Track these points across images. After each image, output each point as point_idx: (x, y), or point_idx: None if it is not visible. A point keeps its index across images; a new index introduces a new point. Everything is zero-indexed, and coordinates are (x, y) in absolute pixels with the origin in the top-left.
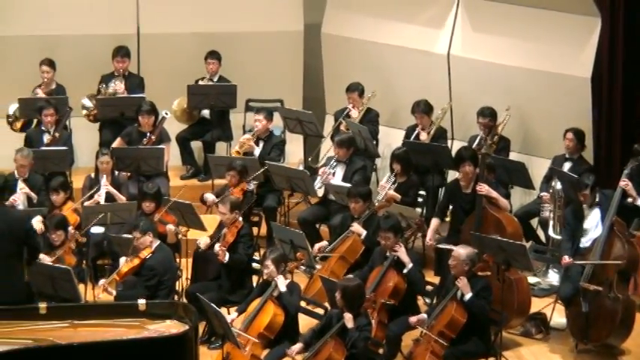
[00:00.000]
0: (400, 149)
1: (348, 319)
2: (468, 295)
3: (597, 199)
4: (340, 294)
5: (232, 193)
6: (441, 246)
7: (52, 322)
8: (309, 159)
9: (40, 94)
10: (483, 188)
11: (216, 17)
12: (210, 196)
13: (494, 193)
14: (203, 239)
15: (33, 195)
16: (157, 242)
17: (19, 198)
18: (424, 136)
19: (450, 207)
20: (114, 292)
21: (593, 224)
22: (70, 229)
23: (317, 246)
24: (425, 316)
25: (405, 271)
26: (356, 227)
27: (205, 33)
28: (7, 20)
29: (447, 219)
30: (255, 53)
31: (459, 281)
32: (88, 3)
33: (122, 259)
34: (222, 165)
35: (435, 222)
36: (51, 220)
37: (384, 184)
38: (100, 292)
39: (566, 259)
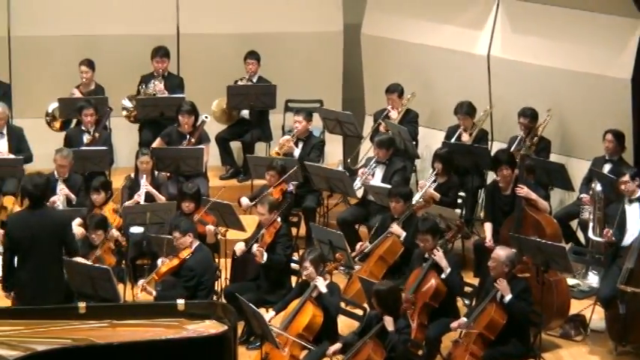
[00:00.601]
0: (443, 149)
1: (388, 322)
2: (508, 297)
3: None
4: (375, 298)
5: (271, 193)
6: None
7: (91, 321)
8: (349, 160)
9: (77, 94)
10: (523, 190)
11: (256, 17)
12: (245, 201)
13: (533, 195)
14: (239, 245)
15: (72, 196)
16: (197, 243)
17: (59, 199)
18: (466, 138)
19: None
20: (153, 292)
21: (635, 219)
22: (113, 230)
23: (359, 245)
24: (465, 319)
25: (443, 276)
26: (395, 228)
27: (245, 33)
28: (47, 20)
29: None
30: (294, 54)
31: (498, 283)
32: (128, 3)
33: (160, 260)
34: (262, 165)
35: (488, 226)
36: (91, 220)
37: (424, 183)
38: (139, 292)
39: None
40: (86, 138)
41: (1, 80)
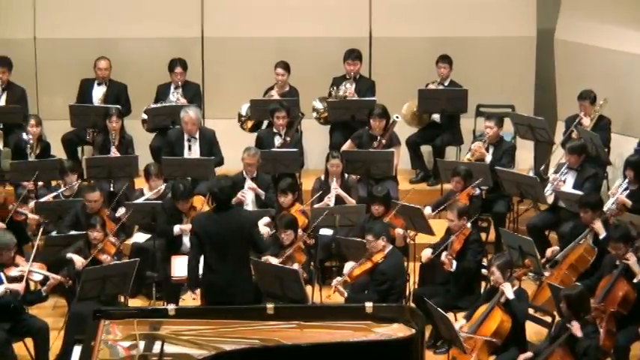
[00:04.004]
0: (634, 156)
1: (577, 329)
2: None
3: None
4: (565, 302)
5: (459, 199)
6: None
7: (279, 322)
8: (542, 168)
9: (275, 95)
10: None
11: (449, 21)
12: (427, 210)
13: None
14: (426, 252)
15: (260, 192)
16: (390, 247)
17: (247, 195)
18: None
19: None
20: (345, 294)
21: None
22: (299, 231)
23: (549, 250)
24: None
25: (635, 280)
26: (598, 225)
27: (437, 37)
28: (242, 21)
29: None
30: (487, 58)
31: None
32: (322, 6)
33: (349, 264)
34: (451, 170)
35: None
36: (281, 220)
37: (616, 190)
38: (331, 292)
39: None
40: (277, 140)
41: (192, 81)
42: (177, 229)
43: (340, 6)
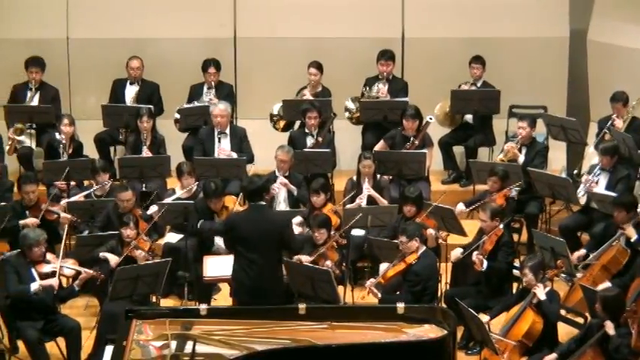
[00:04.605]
0: None
1: (610, 327)
2: None
3: None
4: (601, 304)
5: (494, 199)
6: None
7: (311, 322)
8: (575, 170)
9: (307, 95)
10: None
11: (482, 22)
12: (460, 206)
13: None
14: (455, 252)
15: (292, 187)
16: (423, 248)
17: (279, 189)
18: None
19: None
20: (379, 295)
21: None
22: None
23: (576, 254)
24: None
25: None
26: (629, 230)
27: (470, 38)
28: (275, 22)
29: None
30: (519, 59)
31: None
32: (355, 6)
33: (384, 265)
34: (484, 170)
35: None
36: (315, 219)
37: None
38: (365, 294)
39: None
40: (310, 141)
41: (225, 81)
42: None
43: (373, 6)
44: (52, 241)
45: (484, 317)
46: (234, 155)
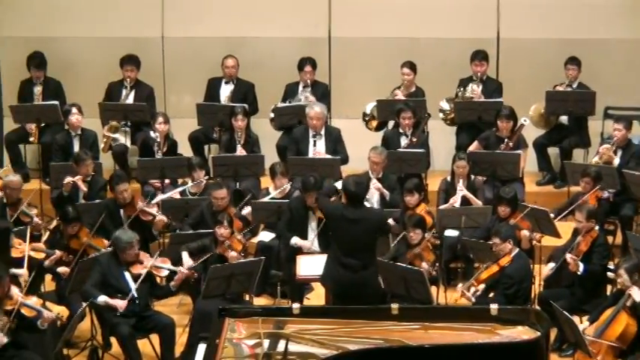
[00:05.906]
0: None
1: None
2: None
3: None
4: None
5: (586, 200)
6: None
7: (404, 323)
8: None
9: (400, 95)
10: None
11: (577, 23)
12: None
13: None
14: (545, 270)
15: (386, 192)
16: (516, 250)
17: (373, 195)
18: None
19: None
20: (472, 298)
21: None
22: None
23: None
24: None
25: None
26: None
27: (566, 39)
28: (370, 22)
29: None
30: (615, 60)
31: None
32: (450, 7)
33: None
34: (579, 172)
35: None
36: (410, 219)
37: None
38: (458, 298)
39: None
40: (404, 141)
41: (320, 81)
42: None
43: (468, 7)
44: (146, 240)
45: (584, 323)
46: (329, 157)
